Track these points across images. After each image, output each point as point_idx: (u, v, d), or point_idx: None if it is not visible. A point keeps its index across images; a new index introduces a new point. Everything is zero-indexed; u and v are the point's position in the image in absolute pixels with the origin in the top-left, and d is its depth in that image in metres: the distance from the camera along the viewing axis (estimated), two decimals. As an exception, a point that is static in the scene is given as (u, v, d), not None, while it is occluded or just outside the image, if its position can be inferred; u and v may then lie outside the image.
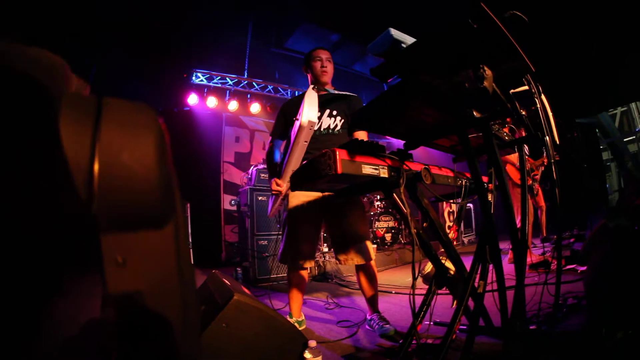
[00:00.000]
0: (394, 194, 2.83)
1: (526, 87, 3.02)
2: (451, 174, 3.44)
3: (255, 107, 14.39)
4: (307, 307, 6.07)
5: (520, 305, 3.02)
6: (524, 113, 3.20)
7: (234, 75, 14.03)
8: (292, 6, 12.53)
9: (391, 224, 12.03)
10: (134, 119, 0.89)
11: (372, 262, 4.78)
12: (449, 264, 3.25)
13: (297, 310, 4.98)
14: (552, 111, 3.32)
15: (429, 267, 3.60)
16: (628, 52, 14.40)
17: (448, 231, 4.08)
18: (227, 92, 14.12)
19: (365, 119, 2.94)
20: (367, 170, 2.67)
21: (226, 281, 3.70)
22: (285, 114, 5.02)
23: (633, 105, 27.53)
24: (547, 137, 3.08)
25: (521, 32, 2.63)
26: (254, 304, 3.24)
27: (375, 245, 11.39)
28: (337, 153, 2.52)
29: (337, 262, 4.81)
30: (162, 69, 12.41)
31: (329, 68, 4.93)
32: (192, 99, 13.20)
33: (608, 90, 16.21)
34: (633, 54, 14.33)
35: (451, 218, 13.69)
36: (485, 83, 2.29)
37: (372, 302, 4.83)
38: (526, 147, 9.27)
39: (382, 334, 4.47)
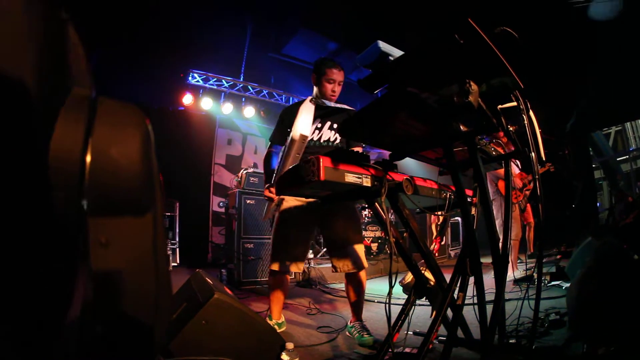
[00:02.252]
0: (376, 203, 2.87)
1: (515, 104, 3.06)
2: (435, 186, 3.47)
3: (249, 111, 14.42)
4: (289, 311, 6.07)
5: (497, 319, 3.04)
6: (511, 129, 3.24)
7: (229, 78, 14.07)
8: (292, 12, 12.55)
9: (378, 233, 12.09)
10: (124, 118, 1.00)
11: (365, 270, 4.81)
12: (429, 275, 3.27)
13: (278, 312, 4.97)
14: (539, 128, 3.35)
15: (409, 277, 3.61)
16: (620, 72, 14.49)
17: (432, 243, 4.09)
18: (222, 94, 14.13)
19: (352, 128, 2.97)
20: (350, 178, 2.70)
21: (208, 280, 3.76)
22: (283, 121, 5.00)
23: (628, 124, 27.64)
24: (533, 154, 3.09)
25: (512, 48, 2.65)
26: (234, 304, 3.34)
27: None
28: (321, 160, 2.55)
29: (333, 269, 4.82)
30: (160, 67, 12.43)
31: (338, 92, 4.91)
32: (187, 99, 13.24)
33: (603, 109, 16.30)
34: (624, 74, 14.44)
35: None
36: (471, 98, 2.32)
37: (357, 309, 4.85)
38: (519, 163, 9.37)
39: (361, 343, 4.49)
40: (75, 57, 1.10)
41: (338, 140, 4.87)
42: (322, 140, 4.84)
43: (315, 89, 5.00)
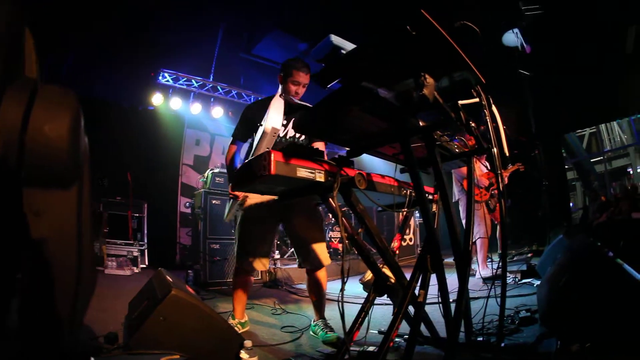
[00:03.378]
0: (330, 199, 2.82)
1: (477, 100, 3.01)
2: (395, 183, 3.44)
3: (217, 112, 14.31)
4: (254, 311, 6.03)
5: (460, 315, 3.00)
6: (473, 124, 3.20)
7: (199, 78, 13.94)
8: (265, 13, 12.48)
9: (345, 234, 11.86)
10: (59, 100, 1.15)
11: (324, 268, 4.85)
12: (389, 272, 3.22)
13: (241, 311, 4.96)
14: (504, 125, 3.31)
15: (368, 274, 3.57)
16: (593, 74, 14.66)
17: (393, 240, 4.05)
18: (192, 94, 14.04)
19: (307, 124, 2.90)
20: (302, 173, 2.68)
21: (168, 278, 3.76)
22: (248, 117, 4.98)
23: (603, 127, 27.99)
24: (495, 149, 3.05)
25: (473, 43, 2.61)
26: (191, 301, 3.37)
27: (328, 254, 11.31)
28: (272, 154, 2.52)
29: (299, 265, 4.89)
30: (132, 67, 12.31)
31: (301, 94, 4.89)
32: (157, 99, 13.07)
33: (575, 111, 16.46)
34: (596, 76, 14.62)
35: (407, 231, 13.69)
36: (425, 91, 2.29)
37: (319, 307, 4.87)
38: (488, 163, 9.38)
39: (325, 340, 4.48)
40: (28, 50, 1.36)
41: (303, 138, 4.86)
42: (287, 137, 4.83)
43: (280, 87, 4.96)
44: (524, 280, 7.49)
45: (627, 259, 3.57)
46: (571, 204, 23.91)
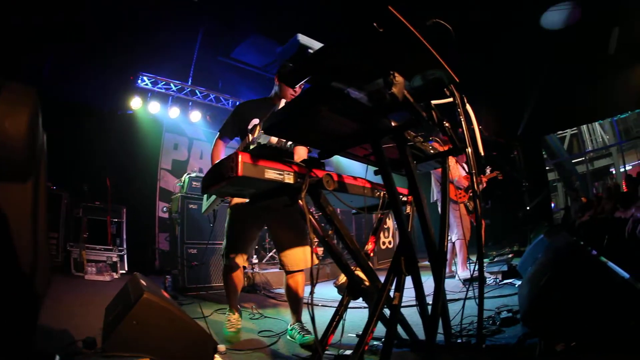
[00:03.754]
0: (299, 201, 2.75)
1: (451, 99, 2.98)
2: (368, 185, 3.42)
3: (195, 116, 14.24)
4: (230, 316, 5.93)
5: (437, 317, 2.97)
6: (447, 124, 3.18)
7: (178, 82, 13.85)
8: (244, 16, 12.43)
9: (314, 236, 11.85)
10: (19, 98, 1.23)
11: (302, 272, 4.85)
12: (362, 275, 3.19)
13: (232, 302, 5.08)
14: (479, 125, 3.28)
15: (342, 277, 3.52)
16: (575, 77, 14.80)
17: (368, 243, 4.04)
18: (170, 98, 13.96)
19: (278, 125, 2.84)
20: (271, 174, 2.65)
21: (142, 282, 3.70)
22: (240, 115, 4.95)
23: (584, 128, 28.21)
24: (469, 149, 3.01)
25: (445, 41, 2.57)
26: (164, 304, 3.32)
27: None
28: (240, 156, 2.49)
29: (280, 266, 4.88)
30: (112, 70, 12.28)
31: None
32: (136, 103, 12.94)
33: (556, 113, 16.59)
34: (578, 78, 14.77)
35: (385, 234, 13.70)
36: (394, 89, 2.24)
37: (297, 310, 4.87)
38: (465, 165, 9.41)
39: (303, 343, 4.48)
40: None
41: (290, 142, 4.74)
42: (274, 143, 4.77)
43: (275, 89, 4.99)
44: (505, 281, 7.55)
45: (610, 257, 3.62)
46: (552, 205, 24.08)
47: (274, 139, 4.58)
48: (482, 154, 3.26)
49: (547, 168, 23.96)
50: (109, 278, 9.52)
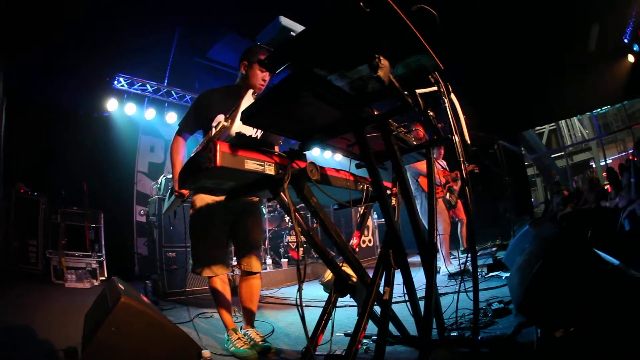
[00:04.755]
0: (281, 193, 2.65)
1: (435, 88, 2.97)
2: (351, 178, 3.35)
3: (171, 117, 14.01)
4: (214, 319, 5.81)
5: (430, 310, 2.94)
6: (432, 114, 3.17)
7: (154, 83, 13.66)
8: (219, 16, 12.32)
9: (303, 238, 11.77)
10: None
11: (260, 275, 4.73)
12: (349, 270, 3.11)
13: (230, 320, 4.65)
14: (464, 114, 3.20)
15: (328, 274, 3.44)
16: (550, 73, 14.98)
17: (353, 237, 3.94)
18: (146, 99, 13.77)
19: (256, 114, 2.71)
20: (251, 165, 2.55)
21: (120, 286, 3.54)
22: (205, 108, 4.54)
23: (563, 123, 28.61)
24: (456, 137, 2.91)
25: (431, 27, 2.50)
26: (143, 309, 3.21)
27: (286, 259, 11.50)
28: (218, 145, 2.38)
29: (238, 266, 4.70)
30: (88, 72, 12.10)
31: (267, 82, 4.64)
32: (112, 105, 12.75)
33: (533, 109, 16.77)
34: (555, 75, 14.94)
35: (365, 232, 13.69)
36: (380, 72, 2.17)
37: (251, 315, 4.71)
38: (444, 162, 9.43)
39: (237, 354, 4.28)
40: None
41: (259, 136, 4.37)
42: (246, 136, 4.55)
43: (242, 74, 4.69)
44: (491, 274, 7.51)
45: (595, 247, 3.60)
46: (532, 199, 24.29)
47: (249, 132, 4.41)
48: (469, 142, 3.19)
49: (526, 163, 24.23)
50: (89, 285, 9.34)
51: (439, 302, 3.39)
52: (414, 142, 3.54)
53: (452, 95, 3.05)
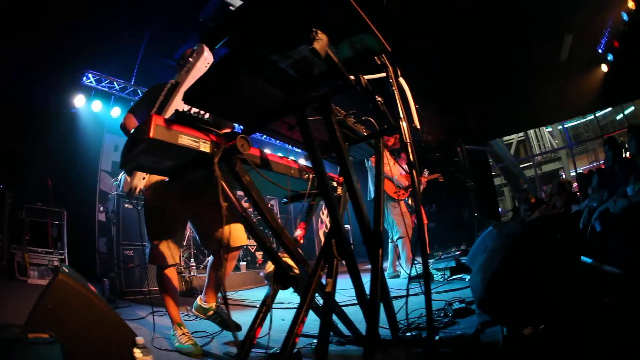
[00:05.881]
0: (216, 170, 2.57)
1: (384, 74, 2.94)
2: (295, 166, 3.36)
3: (137, 116, 13.74)
4: (167, 318, 5.59)
5: (375, 299, 2.89)
6: (379, 99, 3.16)
7: (121, 81, 13.59)
8: (189, 18, 12.32)
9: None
10: None
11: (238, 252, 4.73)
12: (291, 262, 3.06)
13: (176, 314, 4.62)
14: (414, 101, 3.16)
15: (270, 265, 3.32)
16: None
17: (297, 229, 3.88)
18: (113, 97, 13.66)
19: (196, 93, 2.67)
20: (185, 140, 2.54)
21: (65, 269, 3.56)
22: (154, 98, 4.52)
23: (532, 134, 29.01)
24: (404, 123, 2.85)
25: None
26: (80, 289, 3.27)
27: (245, 263, 11.60)
28: (153, 118, 2.40)
29: (212, 245, 4.59)
30: (58, 67, 12.05)
31: None
32: (79, 101, 12.67)
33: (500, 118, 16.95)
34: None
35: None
36: (316, 45, 2.15)
37: (217, 288, 4.70)
38: (406, 166, 9.41)
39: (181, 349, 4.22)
40: None
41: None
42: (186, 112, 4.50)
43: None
44: (454, 277, 7.56)
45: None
46: (500, 209, 24.47)
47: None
48: (419, 127, 3.19)
49: (493, 173, 24.44)
50: (51, 282, 9.19)
51: (391, 303, 3.37)
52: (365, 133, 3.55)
53: (401, 79, 3.02)
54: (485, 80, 15.46)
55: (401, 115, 2.85)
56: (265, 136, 14.59)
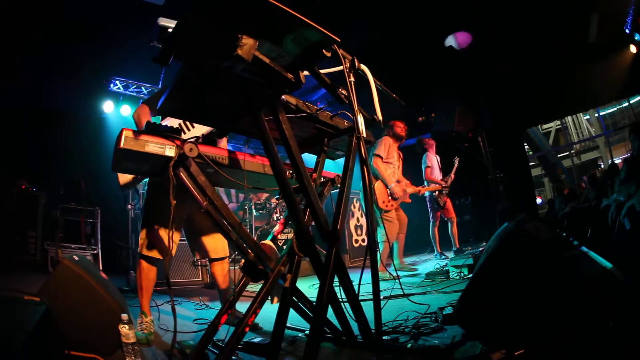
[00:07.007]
0: (181, 173, 2.89)
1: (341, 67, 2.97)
2: (268, 164, 3.38)
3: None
4: (179, 307, 6.06)
5: (324, 302, 2.73)
6: (343, 92, 3.15)
7: (148, 85, 13.89)
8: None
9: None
10: None
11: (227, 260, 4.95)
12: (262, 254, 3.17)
13: (144, 303, 4.72)
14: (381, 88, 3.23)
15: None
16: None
17: (275, 223, 3.95)
18: (141, 100, 13.48)
19: (168, 105, 2.97)
20: (151, 147, 2.84)
21: (75, 257, 3.97)
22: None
23: (570, 121, 28.10)
24: (359, 116, 2.99)
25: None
26: (81, 274, 3.71)
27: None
28: (124, 131, 2.80)
29: (199, 255, 4.90)
30: (86, 75, 12.46)
31: None
32: (108, 107, 13.16)
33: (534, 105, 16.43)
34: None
35: (358, 232, 13.10)
36: (239, 51, 2.28)
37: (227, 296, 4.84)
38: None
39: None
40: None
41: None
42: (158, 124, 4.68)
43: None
44: (470, 275, 6.91)
45: (594, 248, 2.92)
46: (540, 200, 23.91)
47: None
48: (380, 118, 3.23)
49: (531, 163, 23.83)
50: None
51: (360, 304, 3.27)
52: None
53: (364, 67, 3.08)
54: (517, 68, 14.98)
55: (355, 108, 2.93)
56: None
